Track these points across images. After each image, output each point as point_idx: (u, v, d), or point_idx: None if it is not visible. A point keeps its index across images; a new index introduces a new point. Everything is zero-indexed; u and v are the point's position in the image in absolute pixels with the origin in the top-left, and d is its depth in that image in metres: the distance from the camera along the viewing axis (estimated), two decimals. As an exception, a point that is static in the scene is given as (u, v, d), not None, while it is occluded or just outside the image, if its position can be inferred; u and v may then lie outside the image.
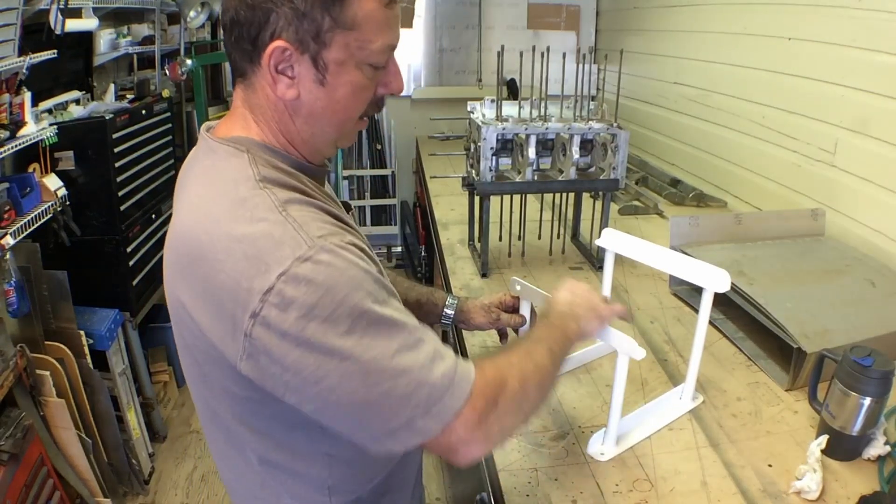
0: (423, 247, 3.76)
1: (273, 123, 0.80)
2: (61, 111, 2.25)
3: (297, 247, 0.66)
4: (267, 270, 0.65)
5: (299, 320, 0.65)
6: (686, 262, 1.20)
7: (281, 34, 0.72)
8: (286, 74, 0.75)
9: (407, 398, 0.69)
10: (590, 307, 0.99)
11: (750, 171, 2.38)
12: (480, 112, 1.83)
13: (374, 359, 0.67)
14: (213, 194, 0.74)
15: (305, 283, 0.65)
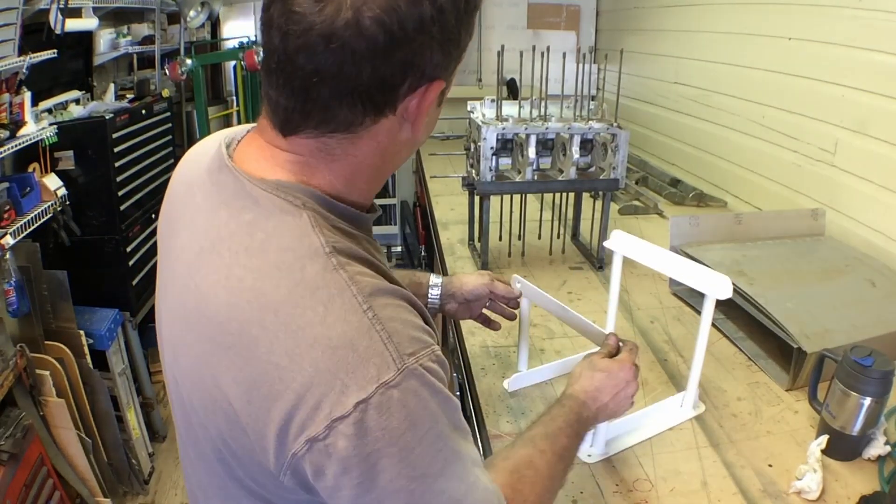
0: (423, 247, 3.76)
1: (359, 173, 0.65)
2: (61, 111, 2.25)
3: (384, 368, 0.54)
4: (344, 392, 0.53)
5: (370, 457, 0.54)
6: (689, 267, 1.18)
7: (438, 72, 0.60)
8: (421, 108, 0.62)
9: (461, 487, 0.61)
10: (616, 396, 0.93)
11: (750, 171, 2.38)
12: (480, 112, 1.83)
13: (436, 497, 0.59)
14: (268, 269, 0.58)
15: (387, 416, 0.54)
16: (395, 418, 0.54)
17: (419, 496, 0.57)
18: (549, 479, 0.78)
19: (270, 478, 0.60)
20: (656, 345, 1.50)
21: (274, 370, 0.55)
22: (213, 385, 0.60)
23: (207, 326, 0.60)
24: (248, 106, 3.79)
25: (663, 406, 1.24)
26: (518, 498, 0.71)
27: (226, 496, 0.69)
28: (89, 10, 2.36)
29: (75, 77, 2.59)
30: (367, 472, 0.54)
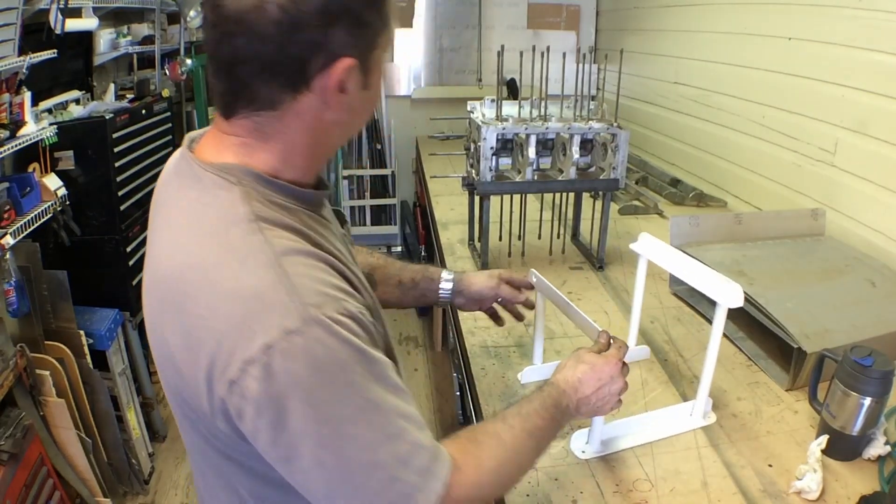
0: (423, 247, 3.76)
1: (288, 150, 0.71)
2: (61, 111, 2.25)
3: (286, 315, 0.60)
4: (251, 338, 0.60)
5: (279, 399, 0.60)
6: (705, 274, 1.17)
7: (346, 50, 0.65)
8: (344, 91, 0.67)
9: (378, 495, 0.65)
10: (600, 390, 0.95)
11: (750, 171, 2.38)
12: (480, 112, 1.83)
13: (350, 451, 0.63)
14: (200, 235, 0.67)
15: (291, 360, 0.59)
16: (299, 363, 0.60)
17: (328, 440, 0.62)
18: (513, 451, 0.80)
19: (215, 427, 0.67)
20: (656, 345, 1.50)
21: (200, 322, 0.63)
22: (164, 342, 0.68)
23: (158, 289, 0.69)
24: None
25: (671, 412, 1.23)
26: (472, 462, 0.74)
27: (201, 454, 0.76)
28: (89, 10, 2.36)
29: (75, 77, 2.58)
30: (278, 414, 0.60)
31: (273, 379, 0.59)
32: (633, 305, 1.37)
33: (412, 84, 4.17)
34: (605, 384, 0.95)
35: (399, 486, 0.65)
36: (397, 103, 4.14)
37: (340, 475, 0.64)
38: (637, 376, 1.38)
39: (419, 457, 0.67)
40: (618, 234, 2.18)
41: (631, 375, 1.37)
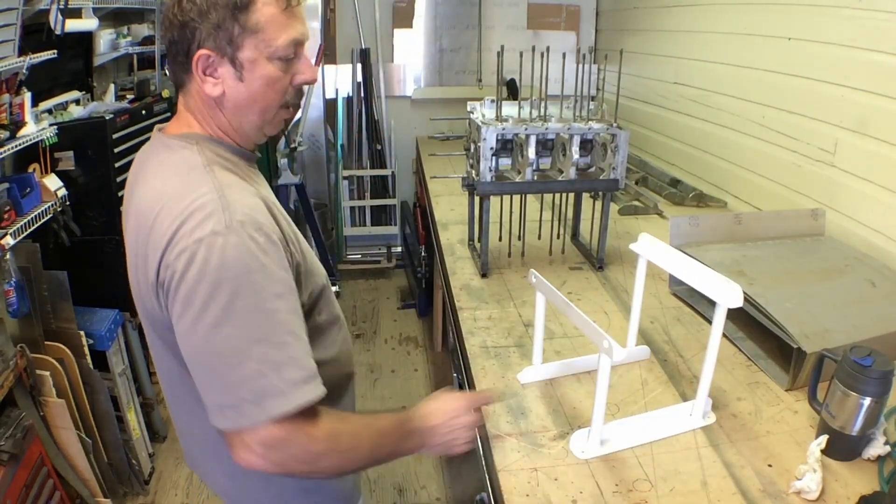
0: (423, 247, 3.76)
1: (209, 119, 0.95)
2: (61, 111, 2.25)
3: (218, 223, 0.81)
4: (189, 235, 0.80)
5: (193, 280, 0.79)
6: (704, 274, 1.17)
7: (204, 44, 0.88)
8: (212, 76, 0.91)
9: (243, 384, 0.80)
10: (449, 427, 1.05)
11: (750, 171, 2.38)
12: (480, 112, 1.83)
13: (232, 337, 0.80)
14: (170, 179, 0.89)
15: (210, 253, 0.79)
16: (215, 256, 0.79)
17: (219, 321, 0.79)
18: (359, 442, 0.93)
19: (161, 317, 0.86)
20: (656, 345, 1.50)
21: (158, 224, 0.83)
22: (141, 260, 0.87)
23: (137, 222, 0.89)
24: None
25: (671, 412, 1.23)
26: (331, 424, 0.88)
27: (165, 367, 0.97)
28: (89, 10, 2.36)
29: (75, 77, 2.58)
30: (189, 294, 0.80)
31: (193, 264, 0.79)
32: (632, 305, 1.37)
33: (412, 84, 4.17)
34: (453, 417, 1.05)
35: (263, 382, 0.80)
36: (397, 104, 4.14)
37: (219, 356, 0.81)
38: (637, 376, 1.38)
39: (291, 371, 0.82)
40: (617, 234, 2.18)
41: (631, 375, 1.38)
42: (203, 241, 0.80)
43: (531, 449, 1.15)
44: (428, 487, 2.45)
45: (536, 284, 1.28)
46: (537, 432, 1.19)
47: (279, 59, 0.92)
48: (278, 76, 0.93)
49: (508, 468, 1.10)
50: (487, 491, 1.19)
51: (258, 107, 0.94)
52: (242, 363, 0.80)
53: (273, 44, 0.90)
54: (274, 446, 0.82)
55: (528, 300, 1.70)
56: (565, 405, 1.28)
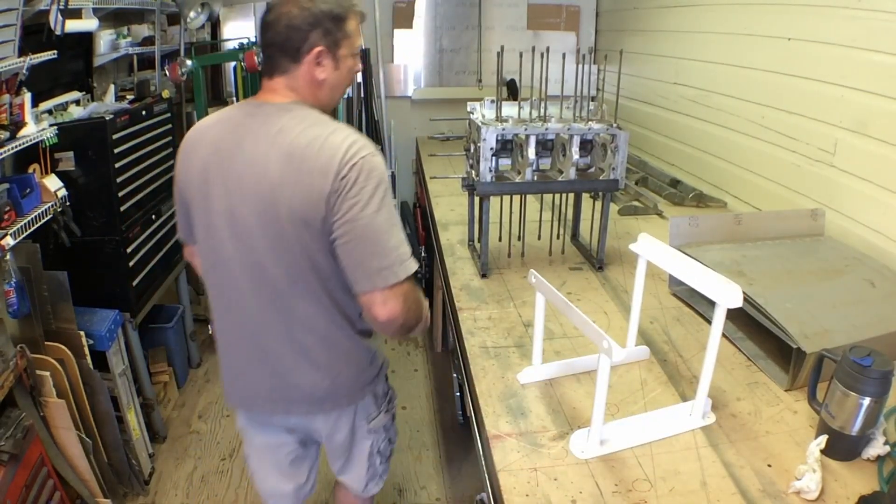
0: (423, 247, 3.76)
1: (309, 95, 1.29)
2: (61, 112, 2.25)
3: (368, 148, 1.19)
4: (355, 154, 1.16)
5: (363, 180, 1.15)
6: (704, 275, 1.17)
7: (319, 43, 1.24)
8: (320, 65, 1.25)
9: (399, 250, 1.20)
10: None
11: (750, 171, 2.39)
12: (480, 112, 1.83)
13: (387, 219, 1.19)
14: (316, 125, 1.20)
15: (373, 165, 1.17)
16: (376, 168, 1.17)
17: (380, 200, 1.17)
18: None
19: (321, 221, 1.18)
20: (656, 345, 1.50)
21: (324, 153, 1.16)
22: (306, 179, 1.16)
23: (293, 154, 1.17)
24: (249, 107, 3.79)
25: (670, 412, 1.23)
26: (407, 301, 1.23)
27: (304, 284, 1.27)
28: (89, 10, 2.36)
29: (75, 78, 2.58)
30: (360, 192, 1.15)
31: (362, 172, 1.15)
32: (632, 306, 1.37)
33: (412, 85, 4.17)
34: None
35: (402, 251, 1.21)
36: (397, 104, 4.14)
37: (379, 231, 1.18)
38: (636, 376, 1.38)
39: (407, 247, 1.23)
40: (617, 234, 2.18)
41: (630, 375, 1.38)
42: (366, 158, 1.16)
43: (531, 449, 1.15)
44: (428, 487, 2.45)
45: (536, 285, 1.28)
46: (537, 432, 1.19)
47: (355, 56, 1.31)
48: (353, 65, 1.32)
49: (508, 468, 1.10)
50: (487, 491, 1.19)
51: (342, 87, 1.33)
52: (392, 237, 1.19)
53: (355, 46, 1.30)
54: (406, 295, 1.22)
55: (528, 300, 1.70)
56: (565, 405, 1.28)
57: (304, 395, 1.39)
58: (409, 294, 1.22)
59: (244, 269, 1.25)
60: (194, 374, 3.20)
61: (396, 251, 1.19)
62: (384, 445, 1.60)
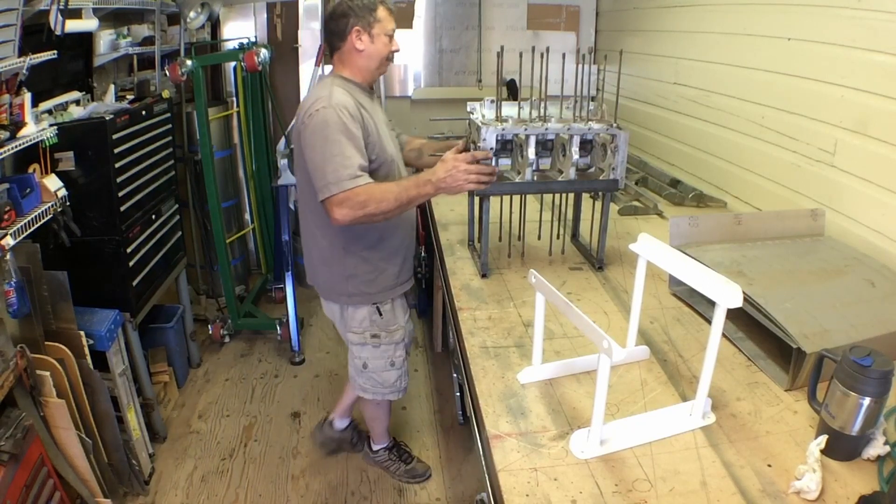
0: (423, 247, 3.76)
1: (351, 65, 1.83)
2: (61, 112, 2.25)
3: (324, 104, 1.68)
4: (312, 106, 1.70)
5: (312, 126, 1.68)
6: (704, 275, 1.17)
7: (357, 24, 1.77)
8: (361, 40, 1.78)
9: (331, 173, 1.63)
10: (447, 170, 1.65)
11: (750, 171, 2.39)
12: (480, 112, 1.83)
13: (328, 150, 1.64)
14: (316, 88, 1.83)
15: (319, 115, 1.67)
16: (320, 117, 1.67)
17: (320, 146, 1.66)
18: (387, 191, 1.66)
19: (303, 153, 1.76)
20: (656, 345, 1.50)
21: (304, 106, 1.76)
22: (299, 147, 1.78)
23: (298, 119, 1.79)
24: (248, 107, 3.79)
25: (670, 412, 1.23)
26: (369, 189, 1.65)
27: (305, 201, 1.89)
28: (89, 11, 2.36)
29: (75, 78, 2.59)
30: (308, 134, 1.70)
31: (314, 120, 1.67)
32: (632, 306, 1.37)
33: (412, 85, 4.17)
34: (452, 167, 1.64)
35: (336, 175, 1.62)
36: (397, 104, 4.13)
37: (318, 162, 1.66)
38: (636, 376, 1.38)
39: (350, 171, 1.63)
40: (617, 234, 2.18)
41: (630, 375, 1.38)
42: (319, 110, 1.67)
43: (531, 449, 1.15)
44: (428, 487, 2.45)
45: (536, 284, 1.28)
46: (537, 432, 1.19)
47: (386, 35, 1.80)
48: (386, 42, 1.81)
49: (508, 468, 1.10)
50: (487, 491, 1.19)
51: (377, 57, 1.82)
52: (327, 165, 1.64)
53: (386, 28, 1.80)
54: (343, 203, 1.62)
55: (528, 300, 1.70)
56: (565, 405, 1.28)
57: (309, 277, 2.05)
58: (350, 200, 1.62)
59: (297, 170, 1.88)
60: (194, 374, 3.20)
61: (329, 175, 1.63)
62: (358, 363, 2.05)
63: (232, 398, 3.01)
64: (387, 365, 2.04)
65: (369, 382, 2.08)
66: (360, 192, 1.61)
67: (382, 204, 1.62)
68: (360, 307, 1.94)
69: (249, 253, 4.31)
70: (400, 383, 2.11)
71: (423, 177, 1.66)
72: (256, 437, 2.73)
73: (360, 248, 1.86)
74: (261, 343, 3.53)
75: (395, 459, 2.46)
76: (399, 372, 2.08)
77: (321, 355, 3.42)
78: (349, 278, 1.90)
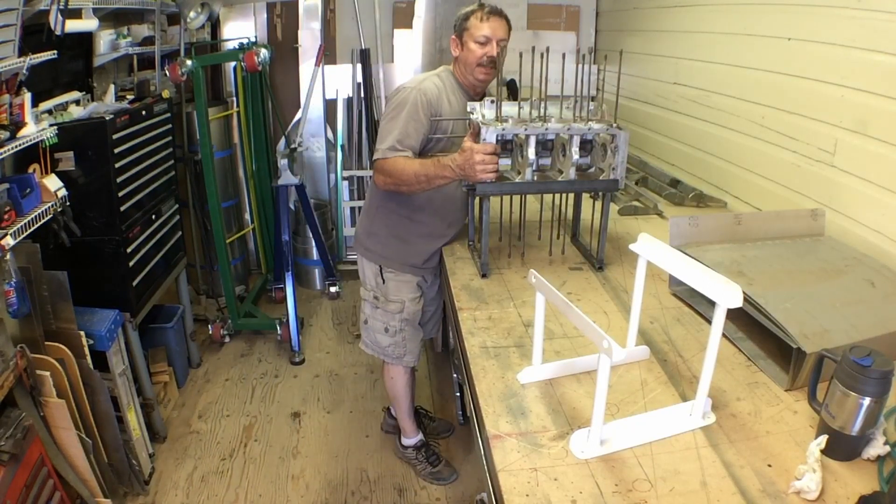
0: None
1: (457, 68, 2.05)
2: (61, 112, 2.25)
3: (413, 84, 1.98)
4: (407, 84, 2.00)
5: (391, 98, 2.02)
6: (704, 275, 1.17)
7: (453, 33, 2.02)
8: (455, 46, 2.02)
9: (382, 141, 1.93)
10: (465, 158, 1.73)
11: (750, 171, 2.39)
12: (480, 112, 1.83)
13: (392, 123, 1.92)
14: (420, 76, 2.06)
15: (401, 93, 1.97)
16: (402, 95, 1.97)
17: (387, 119, 1.98)
18: (409, 168, 1.87)
19: None
20: (656, 345, 1.50)
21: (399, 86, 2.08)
22: None
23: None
24: (248, 107, 3.79)
25: (670, 412, 1.23)
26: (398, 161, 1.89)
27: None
28: (89, 11, 2.36)
29: (75, 78, 2.59)
30: (388, 104, 2.04)
31: (395, 95, 2.00)
32: (632, 306, 1.37)
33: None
34: (467, 158, 1.71)
35: (388, 142, 1.91)
36: (397, 104, 4.13)
37: (382, 129, 1.97)
38: (636, 376, 1.38)
39: (393, 142, 1.90)
40: (617, 234, 2.18)
41: (630, 375, 1.38)
42: (400, 90, 1.97)
43: (531, 449, 1.15)
44: (428, 487, 2.45)
45: (536, 284, 1.28)
46: (537, 432, 1.19)
47: (476, 42, 1.94)
48: (476, 48, 1.95)
49: (508, 468, 1.10)
50: (487, 491, 1.19)
51: (469, 61, 1.97)
52: (385, 134, 1.92)
53: (475, 35, 1.94)
54: (379, 169, 1.93)
55: (528, 300, 1.70)
56: (565, 405, 1.28)
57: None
58: (383, 167, 1.90)
59: None
60: (194, 374, 3.20)
61: (382, 144, 1.90)
62: (363, 315, 2.31)
63: (232, 398, 3.01)
64: (382, 328, 2.25)
65: (369, 338, 2.32)
66: (391, 161, 1.87)
67: (403, 176, 1.86)
68: (371, 264, 2.20)
69: (249, 253, 4.31)
70: (393, 350, 2.28)
71: (445, 160, 1.78)
72: (256, 437, 2.73)
73: (388, 213, 2.12)
74: (261, 343, 3.53)
75: (421, 460, 2.51)
76: (392, 340, 2.26)
77: (321, 355, 3.42)
78: (371, 235, 2.19)
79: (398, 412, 2.52)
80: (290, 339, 3.32)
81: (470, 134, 1.79)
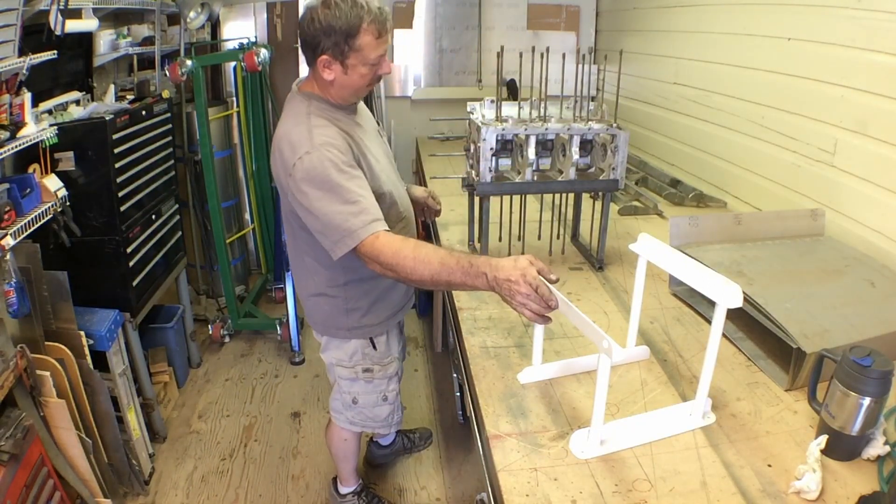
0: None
1: (323, 89, 1.55)
2: (61, 112, 2.25)
3: (308, 147, 1.43)
4: (296, 154, 1.43)
5: (301, 179, 1.42)
6: (704, 275, 1.17)
7: (325, 52, 1.47)
8: (328, 69, 1.49)
9: (337, 228, 1.40)
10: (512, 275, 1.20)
11: (750, 171, 2.39)
12: (480, 113, 1.83)
13: (327, 204, 1.41)
14: (287, 121, 1.53)
15: (309, 163, 1.42)
16: (306, 165, 1.41)
17: (318, 200, 1.41)
18: (418, 261, 1.33)
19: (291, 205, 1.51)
20: (656, 345, 1.50)
21: (281, 150, 1.47)
22: (281, 169, 1.49)
23: (275, 145, 1.52)
24: (248, 107, 3.79)
25: (670, 412, 1.23)
26: (395, 243, 1.37)
27: (291, 233, 1.69)
28: (89, 11, 2.36)
29: (75, 78, 2.58)
30: (300, 188, 1.42)
31: (302, 171, 1.41)
32: (632, 306, 1.37)
33: (412, 85, 4.17)
34: (515, 284, 1.19)
35: (349, 223, 1.39)
36: (397, 104, 4.14)
37: (323, 217, 1.42)
38: (636, 376, 1.38)
39: (363, 217, 1.40)
40: (617, 234, 2.18)
41: (630, 375, 1.38)
42: (303, 158, 1.42)
43: (531, 449, 1.15)
44: (428, 487, 2.45)
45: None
46: (537, 432, 1.19)
47: (367, 65, 1.49)
48: (366, 73, 1.51)
49: (508, 468, 1.10)
50: (487, 491, 1.19)
51: (353, 88, 1.55)
52: (335, 218, 1.40)
53: (368, 58, 1.47)
54: (367, 255, 1.40)
55: (528, 300, 1.69)
56: (565, 405, 1.28)
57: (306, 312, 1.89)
58: (368, 252, 1.39)
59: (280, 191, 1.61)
60: (194, 374, 3.20)
61: (340, 229, 1.40)
62: (347, 398, 1.93)
63: (232, 398, 3.01)
64: (379, 400, 1.93)
65: (359, 417, 1.96)
66: (384, 248, 1.36)
67: (414, 274, 1.33)
68: (357, 341, 1.81)
69: (249, 253, 4.31)
70: (392, 418, 1.99)
71: (480, 266, 1.25)
72: (256, 437, 2.73)
73: (361, 280, 1.69)
74: (261, 343, 3.53)
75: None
76: (391, 407, 1.97)
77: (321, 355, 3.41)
78: (350, 311, 1.74)
79: (343, 467, 2.23)
80: (290, 339, 3.32)
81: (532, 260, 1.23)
